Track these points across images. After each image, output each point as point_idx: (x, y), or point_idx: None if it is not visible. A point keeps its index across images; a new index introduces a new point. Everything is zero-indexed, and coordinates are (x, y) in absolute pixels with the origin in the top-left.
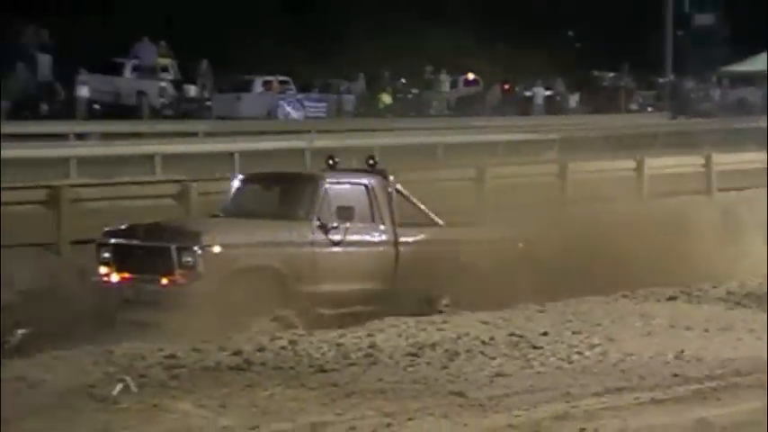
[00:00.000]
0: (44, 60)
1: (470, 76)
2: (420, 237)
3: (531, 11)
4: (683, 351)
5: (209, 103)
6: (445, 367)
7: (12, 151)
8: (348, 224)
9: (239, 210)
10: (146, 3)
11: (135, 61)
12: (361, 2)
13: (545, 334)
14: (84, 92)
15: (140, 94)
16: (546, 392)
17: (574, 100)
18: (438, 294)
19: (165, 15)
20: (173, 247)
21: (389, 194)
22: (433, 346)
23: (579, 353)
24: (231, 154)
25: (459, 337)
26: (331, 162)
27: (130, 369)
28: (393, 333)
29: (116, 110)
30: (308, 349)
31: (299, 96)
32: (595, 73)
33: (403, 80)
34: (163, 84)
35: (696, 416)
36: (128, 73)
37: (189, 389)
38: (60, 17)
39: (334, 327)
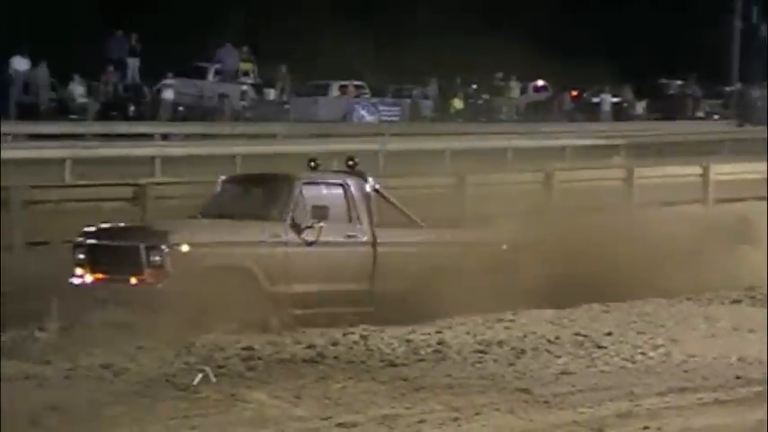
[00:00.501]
0: (133, 64)
1: (540, 82)
2: (399, 238)
3: (601, 19)
4: (745, 353)
5: (287, 106)
6: (512, 364)
7: (101, 150)
8: (322, 224)
9: (218, 210)
10: (228, 9)
11: (218, 65)
12: (434, 9)
13: (609, 334)
14: (168, 94)
15: (222, 97)
16: (610, 391)
17: (641, 107)
18: (413, 295)
19: (246, 21)
20: (141, 246)
21: (368, 195)
22: (500, 343)
23: (643, 353)
24: (306, 155)
25: (525, 336)
26: (312, 164)
27: (209, 360)
28: (461, 330)
29: (199, 112)
30: (378, 344)
31: (374, 100)
32: (663, 81)
33: (474, 86)
34: (244, 87)
35: (758, 417)
36: (211, 77)
37: (265, 380)
38: (148, 23)
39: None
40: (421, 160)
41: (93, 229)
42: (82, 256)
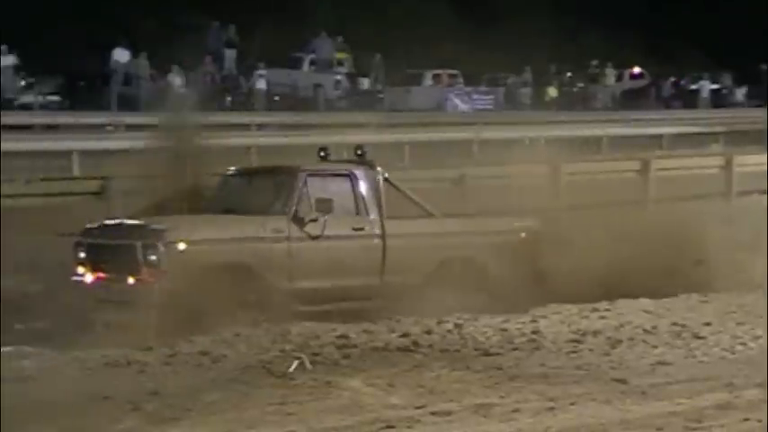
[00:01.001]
0: (230, 55)
1: (636, 69)
2: (410, 229)
3: (699, 4)
4: None
5: (381, 95)
6: (607, 354)
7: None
8: (326, 217)
9: (220, 205)
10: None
11: (313, 56)
12: None
13: (708, 324)
14: (262, 85)
15: (317, 86)
16: (708, 382)
17: (741, 93)
18: (426, 288)
19: (341, 10)
20: (138, 244)
21: (377, 186)
22: (595, 333)
23: (743, 344)
24: (401, 144)
25: (621, 326)
26: (322, 154)
27: (305, 347)
28: (556, 320)
29: (293, 102)
30: (473, 333)
31: (468, 89)
32: (763, 66)
33: (569, 74)
34: (338, 77)
35: None
36: (306, 67)
37: (359, 368)
38: (245, 14)
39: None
40: (515, 149)
41: (95, 225)
42: (82, 255)
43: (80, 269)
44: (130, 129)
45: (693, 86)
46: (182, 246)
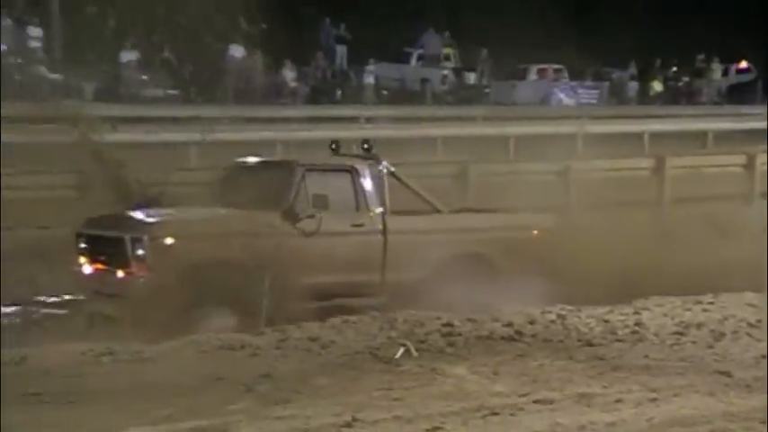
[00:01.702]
0: (341, 51)
1: (743, 63)
2: (414, 225)
3: None
4: None
5: (487, 90)
6: (710, 347)
7: (307, 133)
8: (323, 213)
9: (217, 198)
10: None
11: (421, 51)
12: None
13: None
14: (370, 79)
15: (424, 81)
16: None
17: None
18: (430, 284)
19: (449, 6)
20: (127, 237)
21: (380, 181)
22: (699, 325)
23: None
24: (506, 138)
25: (725, 319)
26: (333, 146)
27: (411, 335)
28: (659, 312)
29: (402, 95)
30: (576, 324)
31: (572, 83)
32: None
33: (674, 68)
34: (445, 72)
35: None
36: (414, 62)
37: (464, 356)
38: (356, 10)
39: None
40: (620, 143)
41: (96, 216)
42: (82, 246)
43: (81, 260)
44: (249, 121)
45: None
46: (168, 240)
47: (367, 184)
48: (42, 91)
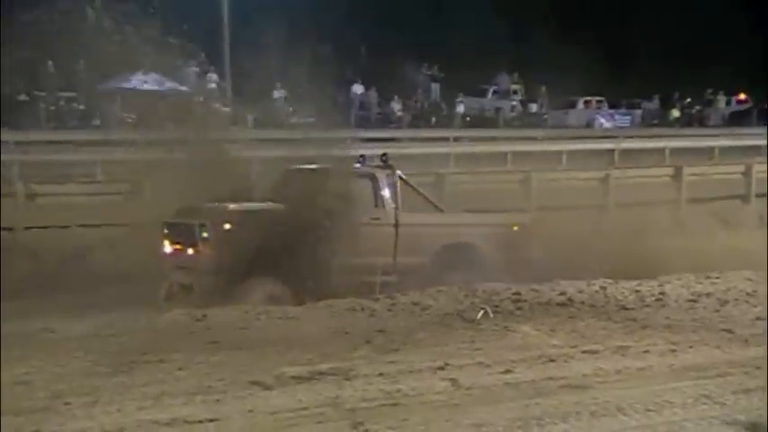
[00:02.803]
0: (435, 88)
1: (741, 96)
2: (419, 220)
3: None
4: None
5: (545, 116)
6: (717, 311)
7: (409, 150)
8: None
9: (272, 195)
10: (504, 45)
11: (495, 87)
12: (657, 36)
13: None
14: (459, 108)
15: (498, 110)
16: None
17: None
18: (430, 266)
19: (517, 53)
20: (196, 223)
21: (393, 185)
22: (708, 294)
23: None
24: (560, 152)
25: (728, 289)
26: (384, 158)
27: (488, 301)
28: (678, 284)
29: (481, 121)
30: (614, 293)
31: (611, 111)
32: None
33: (688, 99)
34: (513, 103)
35: None
36: (490, 95)
37: (529, 317)
38: (443, 55)
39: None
40: (647, 156)
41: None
42: (166, 231)
43: (165, 242)
44: (364, 141)
45: None
46: (227, 226)
47: (383, 186)
48: (216, 120)
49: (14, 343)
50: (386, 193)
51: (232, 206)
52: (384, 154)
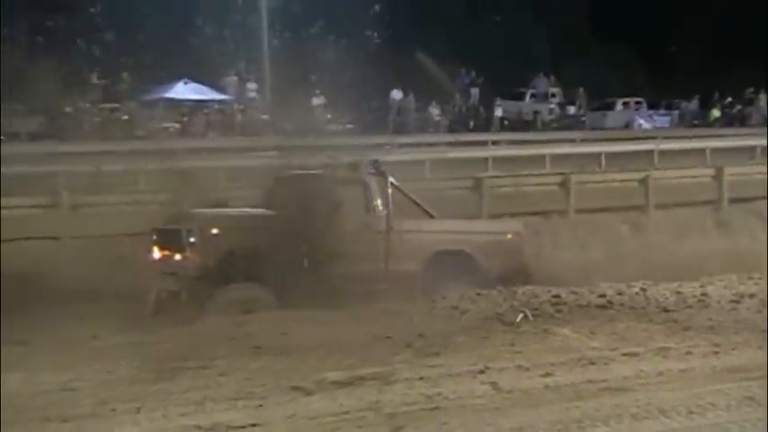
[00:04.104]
0: (474, 92)
1: None
2: (410, 226)
3: None
4: None
5: (583, 119)
6: (759, 311)
7: (443, 154)
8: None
9: (263, 202)
10: (540, 49)
11: (533, 90)
12: (695, 35)
13: None
14: (498, 112)
15: (536, 113)
16: None
17: None
18: (421, 272)
19: (554, 55)
20: (183, 229)
21: (385, 192)
22: (751, 295)
23: None
24: (599, 154)
25: None
26: (375, 163)
27: (528, 304)
28: (720, 285)
29: (518, 125)
30: (654, 294)
31: (650, 112)
32: None
33: (729, 99)
34: (551, 106)
35: None
36: (527, 99)
37: (568, 319)
38: (484, 62)
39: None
40: (687, 157)
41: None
42: (154, 238)
43: (154, 249)
44: (402, 146)
45: None
46: (214, 231)
47: (375, 193)
48: (255, 128)
49: (63, 350)
50: (377, 199)
51: (219, 211)
52: (375, 160)
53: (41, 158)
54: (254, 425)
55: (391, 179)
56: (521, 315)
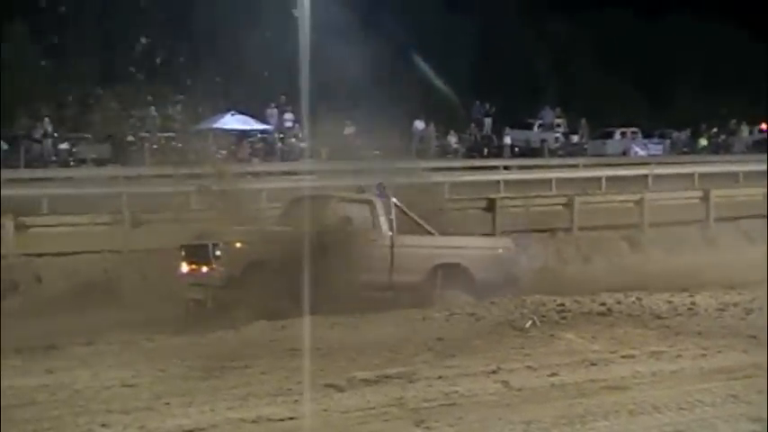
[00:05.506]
0: (487, 122)
1: (763, 125)
2: (412, 241)
3: None
4: None
5: (585, 146)
6: (743, 319)
7: (460, 178)
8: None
9: (281, 220)
10: (548, 84)
11: (540, 120)
12: (686, 71)
13: None
14: (508, 140)
15: (543, 141)
16: None
17: None
18: (422, 283)
19: (559, 89)
20: (210, 244)
21: (389, 210)
22: (735, 304)
23: None
24: (599, 178)
25: (753, 299)
26: (381, 186)
27: (536, 311)
28: (707, 295)
29: (527, 152)
30: (649, 303)
31: (644, 140)
32: None
33: (715, 129)
34: (557, 135)
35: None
36: (535, 128)
37: (572, 326)
38: (496, 95)
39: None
40: (677, 181)
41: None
42: (183, 253)
43: (183, 263)
44: (424, 170)
45: None
46: (238, 245)
47: (380, 212)
48: (294, 154)
49: (122, 350)
50: (382, 217)
51: (245, 228)
52: (380, 183)
53: (106, 181)
54: (291, 418)
55: (394, 200)
56: (530, 321)
